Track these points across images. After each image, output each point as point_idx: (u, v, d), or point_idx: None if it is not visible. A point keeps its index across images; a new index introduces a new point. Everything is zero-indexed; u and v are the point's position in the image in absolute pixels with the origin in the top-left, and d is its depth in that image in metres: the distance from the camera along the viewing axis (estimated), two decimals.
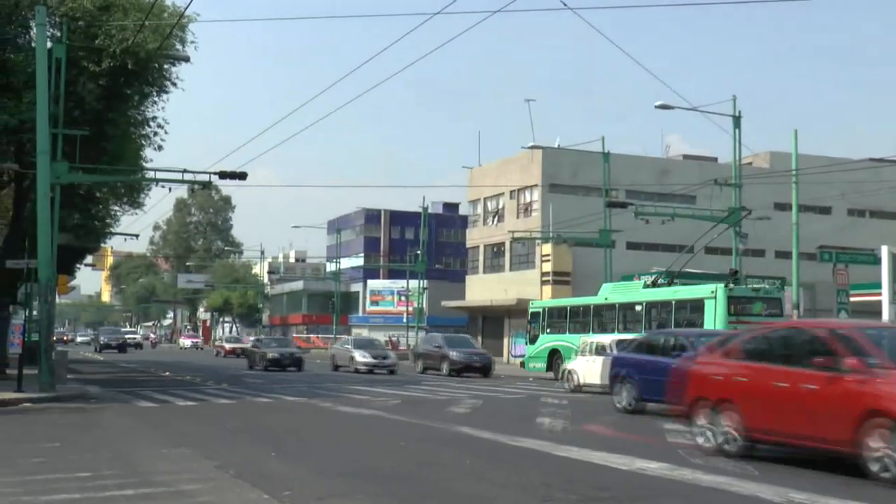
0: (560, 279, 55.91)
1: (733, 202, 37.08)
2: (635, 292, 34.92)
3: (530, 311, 41.00)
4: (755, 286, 32.83)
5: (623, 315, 34.76)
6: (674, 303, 32.47)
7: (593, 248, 49.66)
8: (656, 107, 36.58)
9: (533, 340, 39.54)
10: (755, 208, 40.35)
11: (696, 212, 42.29)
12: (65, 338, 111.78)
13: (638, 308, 34.12)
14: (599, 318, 35.89)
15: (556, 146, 55.12)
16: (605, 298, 36.16)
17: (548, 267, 56.16)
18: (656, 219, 39.37)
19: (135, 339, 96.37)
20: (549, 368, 36.92)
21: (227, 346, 68.25)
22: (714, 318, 29.90)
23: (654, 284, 34.56)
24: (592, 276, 50.69)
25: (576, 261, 55.94)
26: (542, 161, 57.96)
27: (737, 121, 36.63)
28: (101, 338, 74.75)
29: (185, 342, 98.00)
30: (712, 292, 30.41)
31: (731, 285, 31.37)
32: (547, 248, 55.75)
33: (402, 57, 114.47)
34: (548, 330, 38.92)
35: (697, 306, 31.11)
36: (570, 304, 39.06)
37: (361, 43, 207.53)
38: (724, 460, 12.28)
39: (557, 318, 38.61)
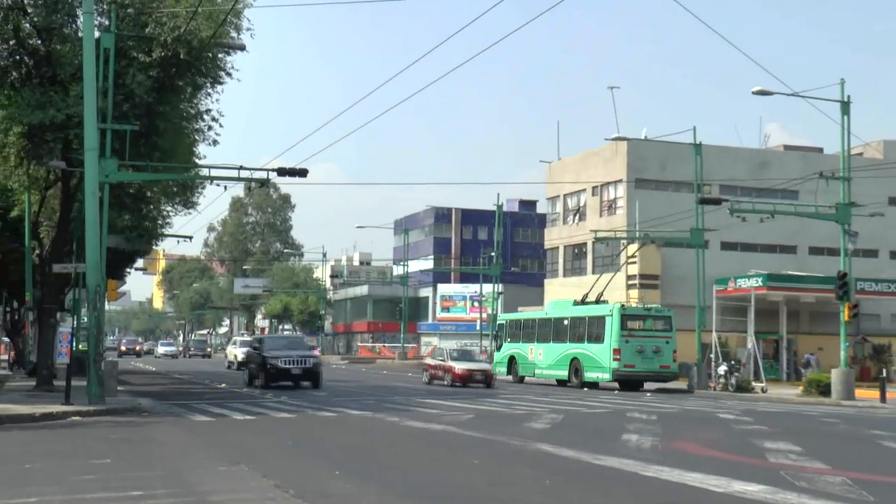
0: (648, 283, 55.52)
1: (841, 197, 36.35)
2: (566, 309, 44.07)
3: (497, 322, 50.77)
4: (648, 306, 42.84)
5: (556, 328, 43.55)
6: (587, 318, 41.48)
7: (684, 248, 49.21)
8: (754, 93, 36.00)
9: (499, 348, 48.98)
10: (867, 203, 39.63)
11: (800, 208, 41.62)
12: (137, 347, 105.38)
13: (565, 322, 42.94)
14: (541, 329, 44.75)
15: (642, 137, 54.63)
16: (546, 314, 46.28)
17: (634, 269, 55.77)
18: (754, 216, 38.83)
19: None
20: (508, 372, 46.83)
21: (459, 367, 40.12)
22: (610, 331, 39.07)
23: (583, 302, 43.47)
24: (683, 279, 50.24)
25: (665, 262, 55.50)
26: (628, 154, 57.57)
27: (845, 107, 35.91)
28: (271, 353, 36.20)
29: None
30: (610, 311, 39.60)
31: (626, 305, 41.38)
32: (633, 249, 55.34)
33: (474, 43, 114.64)
34: (508, 339, 47.88)
35: (601, 322, 39.97)
36: (524, 318, 48.53)
37: (431, 28, 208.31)
38: (835, 484, 12.05)
39: (515, 330, 47.42)
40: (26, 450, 15.40)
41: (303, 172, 27.65)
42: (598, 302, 42.78)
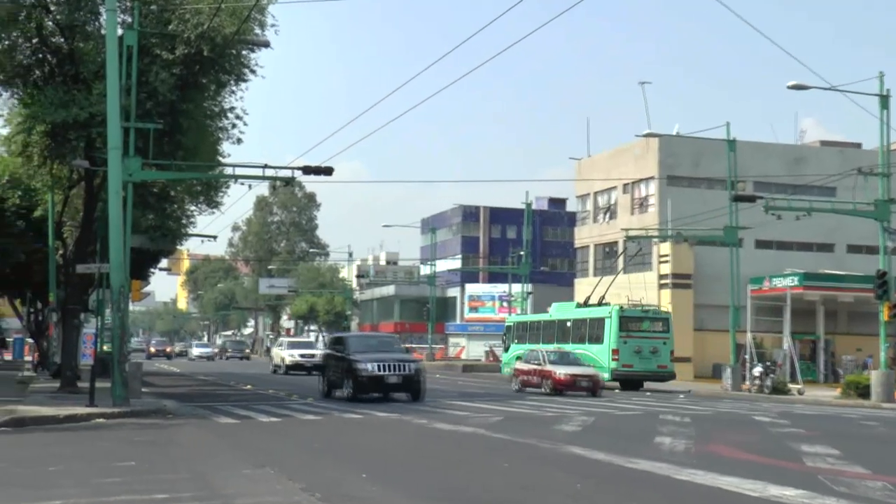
0: (680, 282, 55.28)
1: (880, 193, 36.08)
2: (569, 311, 47.09)
3: (505, 325, 54.25)
4: (646, 308, 44.35)
5: (559, 329, 46.20)
6: (588, 320, 44.08)
7: (717, 247, 48.97)
8: (789, 87, 35.80)
9: (506, 349, 51.72)
10: None
11: (837, 205, 41.32)
12: (167, 349, 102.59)
13: (568, 324, 45.69)
14: (546, 331, 47.48)
15: (674, 133, 54.46)
16: (550, 316, 48.81)
17: (666, 269, 55.60)
18: (790, 214, 38.59)
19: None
20: None
21: (561, 372, 34.95)
22: (609, 333, 41.62)
23: (585, 304, 46.52)
24: (717, 279, 49.98)
25: (698, 261, 55.23)
26: (659, 150, 57.35)
27: (884, 101, 35.64)
28: (358, 356, 29.40)
29: None
30: (609, 313, 42.12)
31: (625, 307, 43.02)
32: (665, 248, 55.16)
33: (502, 38, 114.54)
34: (515, 340, 50.56)
35: (601, 323, 42.55)
36: (530, 320, 51.69)
37: (456, 23, 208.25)
38: (876, 489, 11.96)
39: (522, 331, 50.37)
40: (50, 452, 15.52)
41: (328, 171, 27.70)
42: (600, 304, 45.08)
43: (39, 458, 14.68)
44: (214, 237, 59.26)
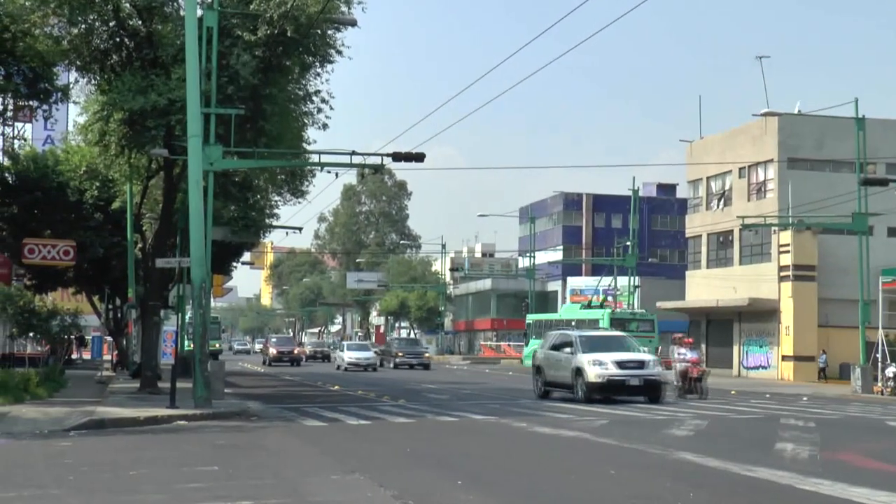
0: (803, 274, 54.27)
1: None
2: (574, 312, 58.58)
3: (527, 322, 67.97)
4: (634, 311, 57.04)
5: (565, 327, 51.69)
6: (587, 321, 53.39)
7: (845, 235, 48.03)
8: None
9: (527, 344, 62.11)
10: None
11: None
12: (294, 351, 74.60)
13: (573, 322, 54.93)
14: (556, 329, 52.61)
15: (795, 112, 53.44)
16: (560, 315, 61.56)
17: (787, 259, 54.63)
18: None
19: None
20: None
21: None
22: None
23: (589, 306, 57.95)
24: (844, 270, 49.04)
25: (822, 251, 54.19)
26: (779, 130, 56.40)
27: None
28: None
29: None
30: (602, 315, 52.44)
31: (615, 310, 54.91)
32: (786, 237, 54.25)
33: (605, 13, 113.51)
34: (534, 336, 60.06)
35: (596, 323, 52.54)
36: (545, 318, 63.85)
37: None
38: None
39: (539, 328, 59.12)
40: (131, 456, 15.85)
41: (419, 157, 27.79)
42: (601, 306, 55.96)
43: (120, 461, 15.02)
44: (300, 229, 59.02)
